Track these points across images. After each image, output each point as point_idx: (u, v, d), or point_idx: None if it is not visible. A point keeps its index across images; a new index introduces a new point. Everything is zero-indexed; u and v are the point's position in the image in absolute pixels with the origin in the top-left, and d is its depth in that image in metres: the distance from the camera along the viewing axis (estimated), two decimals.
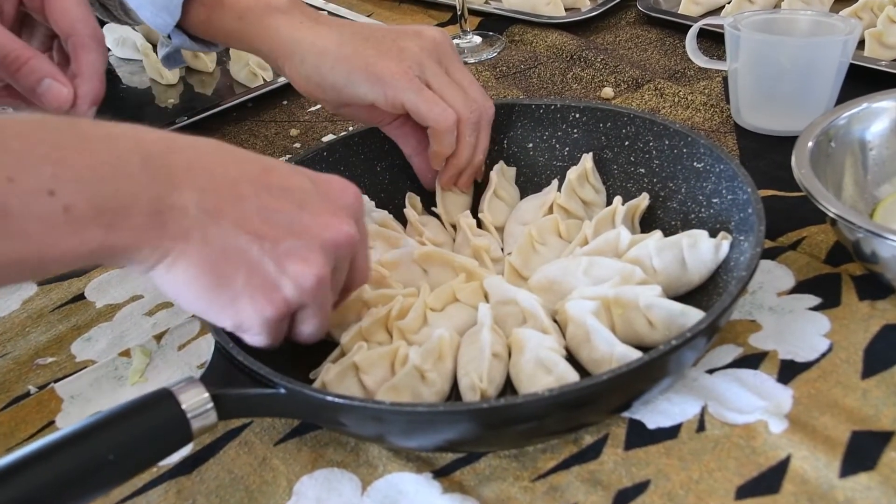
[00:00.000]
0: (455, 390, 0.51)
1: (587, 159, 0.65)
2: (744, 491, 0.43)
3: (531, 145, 0.69)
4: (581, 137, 0.67)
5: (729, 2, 1.00)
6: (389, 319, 0.54)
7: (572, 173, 0.64)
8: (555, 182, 0.67)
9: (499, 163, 0.68)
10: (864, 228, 0.50)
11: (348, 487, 0.47)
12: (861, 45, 0.84)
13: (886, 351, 0.50)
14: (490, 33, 1.08)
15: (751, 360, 0.51)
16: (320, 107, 0.95)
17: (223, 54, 1.09)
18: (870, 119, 0.61)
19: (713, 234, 0.55)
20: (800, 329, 0.53)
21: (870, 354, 0.50)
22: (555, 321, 0.55)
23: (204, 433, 0.44)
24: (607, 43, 1.02)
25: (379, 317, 0.54)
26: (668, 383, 0.49)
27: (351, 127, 0.89)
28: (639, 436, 0.47)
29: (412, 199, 0.68)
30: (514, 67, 0.98)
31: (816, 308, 0.54)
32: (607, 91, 0.89)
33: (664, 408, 0.49)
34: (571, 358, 0.51)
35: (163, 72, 1.05)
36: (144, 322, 0.64)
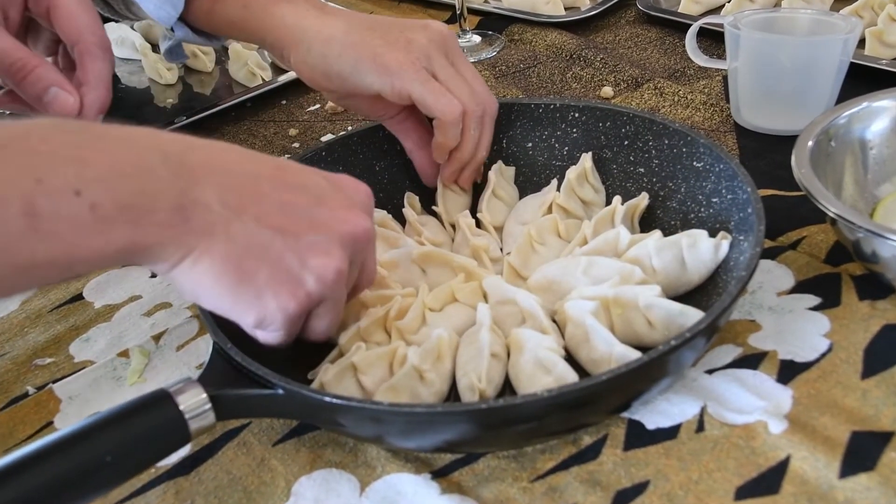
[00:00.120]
0: (454, 391, 0.51)
1: (586, 159, 0.65)
2: (743, 491, 0.43)
3: (530, 145, 0.69)
4: (580, 137, 0.67)
5: (729, 0, 1.00)
6: (388, 320, 0.54)
7: (571, 173, 0.64)
8: (554, 181, 0.67)
9: (497, 162, 0.68)
10: (865, 228, 0.49)
11: (347, 488, 0.47)
12: (861, 44, 0.84)
13: (886, 351, 0.50)
14: (489, 32, 1.08)
15: (750, 361, 0.51)
16: (319, 107, 0.95)
17: (222, 54, 1.09)
18: (870, 118, 0.61)
19: (713, 234, 0.55)
20: (800, 329, 0.53)
21: (870, 354, 0.50)
22: (554, 321, 0.54)
23: (202, 434, 0.44)
24: (607, 42, 1.02)
25: (377, 317, 0.54)
26: (668, 383, 0.49)
27: (350, 127, 0.89)
28: (638, 436, 0.47)
29: (411, 199, 0.68)
30: (514, 67, 0.98)
31: (816, 308, 0.54)
32: (607, 90, 0.89)
33: (663, 408, 0.49)
34: (570, 358, 0.51)
35: (161, 71, 1.04)
36: (143, 322, 0.64)
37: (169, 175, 0.41)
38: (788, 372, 0.50)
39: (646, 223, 0.62)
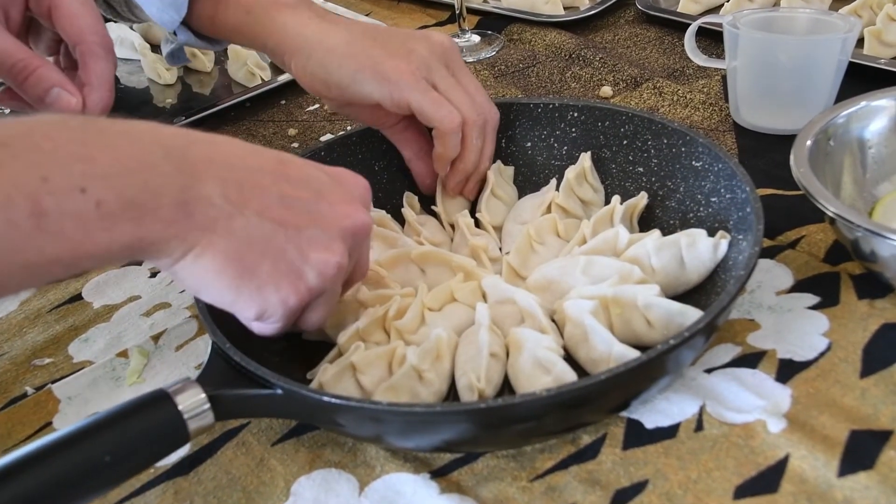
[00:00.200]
0: (453, 390, 0.51)
1: (585, 158, 0.65)
2: (742, 490, 0.43)
3: (529, 144, 0.69)
4: (579, 136, 0.67)
5: (727, 0, 1.00)
6: (387, 319, 0.54)
7: (571, 172, 0.64)
8: (553, 181, 0.67)
9: (496, 162, 0.68)
10: (863, 227, 0.49)
11: (346, 488, 0.47)
12: (860, 44, 0.84)
13: (885, 350, 0.50)
14: (488, 32, 1.08)
15: (749, 360, 0.51)
16: (318, 106, 0.95)
17: (221, 54, 1.09)
18: (869, 117, 0.61)
19: (712, 233, 0.55)
20: (798, 328, 0.53)
21: (868, 353, 0.50)
22: (553, 321, 0.54)
23: (201, 434, 0.44)
24: (606, 42, 1.02)
25: (376, 317, 0.54)
26: (667, 383, 0.49)
27: (349, 126, 0.89)
28: (637, 435, 0.47)
29: (410, 199, 0.68)
30: (513, 66, 0.98)
31: (815, 307, 0.54)
32: (606, 90, 0.89)
33: (662, 407, 0.48)
34: (569, 357, 0.51)
35: (161, 71, 1.04)
36: (142, 322, 0.64)
37: (171, 170, 0.41)
38: (787, 371, 0.50)
39: (645, 222, 0.62)
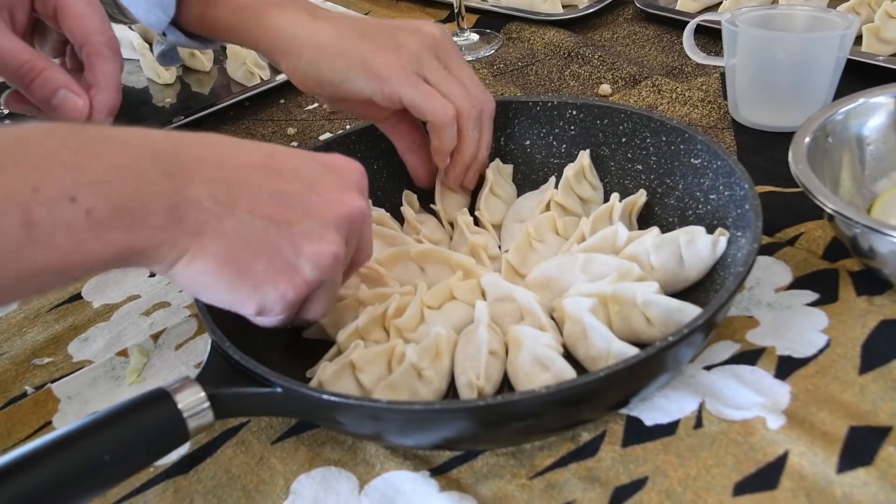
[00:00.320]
0: (452, 388, 0.51)
1: (584, 156, 0.65)
2: (742, 487, 0.43)
3: (528, 142, 0.69)
4: (578, 134, 0.67)
5: None
6: (386, 318, 0.54)
7: (569, 170, 0.64)
8: (552, 179, 0.67)
9: (495, 160, 0.68)
10: (862, 224, 0.49)
11: (346, 486, 0.47)
12: (858, 41, 0.84)
13: (884, 346, 0.50)
14: (487, 31, 1.08)
15: (748, 357, 0.51)
16: (317, 105, 0.95)
17: (220, 53, 1.09)
18: (867, 114, 0.61)
19: (710, 231, 0.55)
20: (797, 325, 0.53)
21: (867, 350, 0.50)
22: (552, 318, 0.55)
23: (201, 433, 0.44)
24: (605, 40, 1.02)
25: (376, 315, 0.54)
26: (666, 380, 0.49)
27: (348, 125, 0.89)
28: (636, 433, 0.47)
29: (409, 197, 0.68)
30: (512, 65, 0.98)
31: (814, 304, 0.54)
32: (605, 88, 0.89)
33: (662, 404, 0.49)
34: (569, 355, 0.51)
35: (160, 71, 1.04)
36: (142, 322, 0.64)
37: (160, 175, 0.41)
38: (786, 367, 0.50)
39: (644, 220, 0.62)
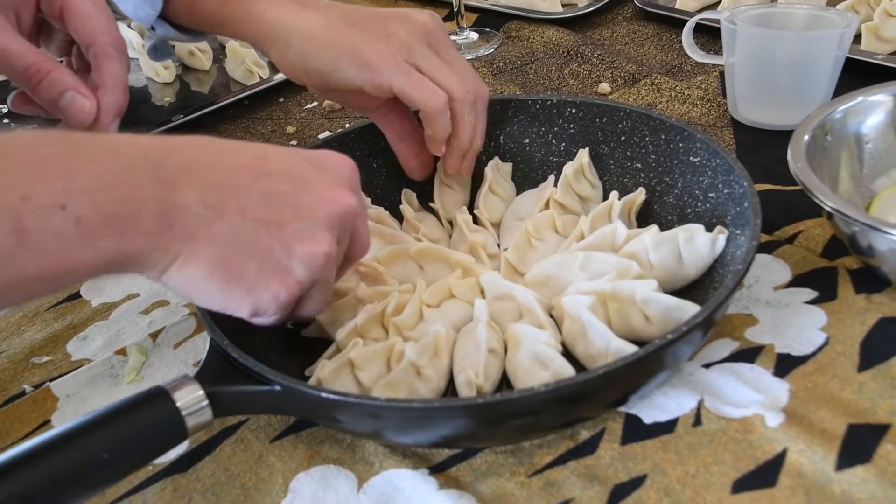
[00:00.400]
0: (451, 386, 0.51)
1: (583, 154, 0.65)
2: (740, 485, 0.43)
3: (527, 141, 0.69)
4: (577, 133, 0.67)
5: None
6: (385, 316, 0.54)
7: (569, 168, 0.64)
8: (551, 177, 0.67)
9: (494, 158, 0.68)
10: (861, 222, 0.49)
11: (344, 484, 0.47)
12: (857, 39, 0.84)
13: (883, 344, 0.50)
14: (487, 29, 1.08)
15: (747, 354, 0.51)
16: (317, 104, 0.95)
17: (220, 52, 1.09)
18: (866, 112, 0.61)
19: (709, 229, 0.55)
20: (796, 323, 0.53)
21: (866, 347, 0.50)
22: (551, 316, 0.54)
23: (199, 431, 0.44)
24: (604, 38, 1.02)
25: (374, 313, 0.54)
26: (665, 378, 0.49)
27: (347, 124, 0.89)
28: (635, 430, 0.47)
29: (408, 196, 0.68)
30: (511, 63, 0.98)
31: (813, 302, 0.54)
32: (604, 86, 0.89)
33: (660, 402, 0.49)
34: (568, 353, 0.51)
35: (159, 70, 1.04)
36: (140, 320, 0.64)
37: (150, 181, 0.40)
38: (785, 365, 0.50)
39: (643, 218, 0.62)
